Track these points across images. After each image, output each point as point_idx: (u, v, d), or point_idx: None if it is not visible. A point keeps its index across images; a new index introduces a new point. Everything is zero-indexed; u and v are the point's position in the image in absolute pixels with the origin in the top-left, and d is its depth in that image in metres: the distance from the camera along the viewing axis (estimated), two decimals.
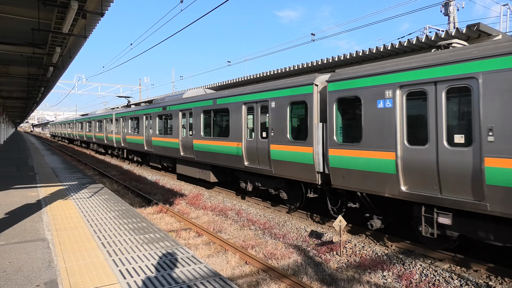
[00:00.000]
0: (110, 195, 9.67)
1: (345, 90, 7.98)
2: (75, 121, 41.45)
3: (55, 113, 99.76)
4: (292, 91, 9.41)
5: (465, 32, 8.69)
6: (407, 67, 6.82)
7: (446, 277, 6.18)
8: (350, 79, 7.87)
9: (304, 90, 9.03)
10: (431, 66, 6.44)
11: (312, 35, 15.06)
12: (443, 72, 6.28)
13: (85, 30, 9.43)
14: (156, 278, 4.28)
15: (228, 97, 12.08)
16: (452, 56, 6.20)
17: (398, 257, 7.09)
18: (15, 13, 8.32)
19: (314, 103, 8.80)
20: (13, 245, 5.40)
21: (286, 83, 9.71)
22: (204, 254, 7.44)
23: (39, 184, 11.30)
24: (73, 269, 4.53)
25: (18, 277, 4.26)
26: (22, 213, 7.43)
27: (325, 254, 7.35)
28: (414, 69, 6.73)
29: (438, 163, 6.28)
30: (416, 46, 10.19)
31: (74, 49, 11.87)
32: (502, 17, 18.40)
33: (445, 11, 20.42)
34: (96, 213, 7.55)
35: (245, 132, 11.31)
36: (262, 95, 10.48)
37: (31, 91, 21.79)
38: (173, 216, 10.41)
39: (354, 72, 7.89)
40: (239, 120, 11.49)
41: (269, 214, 10.60)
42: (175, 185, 16.10)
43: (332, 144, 8.20)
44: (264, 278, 6.23)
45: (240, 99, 11.48)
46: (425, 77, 6.52)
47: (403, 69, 6.88)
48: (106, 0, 7.51)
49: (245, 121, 11.36)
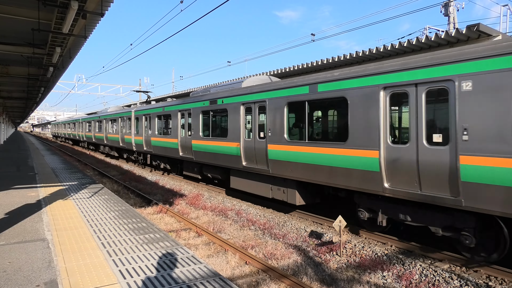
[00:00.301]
0: (110, 195, 9.68)
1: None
2: (81, 120, 37.17)
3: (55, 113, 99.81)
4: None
5: (465, 32, 8.70)
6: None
7: (446, 277, 6.18)
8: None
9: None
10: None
11: (312, 35, 15.07)
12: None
13: (85, 30, 9.43)
14: (156, 278, 4.28)
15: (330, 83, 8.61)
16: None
17: (398, 257, 7.10)
18: (15, 13, 8.32)
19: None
20: (13, 245, 5.40)
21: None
22: (204, 254, 7.44)
23: (39, 184, 11.30)
24: (73, 269, 4.53)
25: (18, 277, 4.27)
26: (22, 213, 7.43)
27: (325, 254, 7.36)
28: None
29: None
30: (416, 46, 10.20)
31: (74, 49, 11.87)
32: (502, 17, 18.42)
33: (445, 12, 20.45)
34: (96, 213, 7.55)
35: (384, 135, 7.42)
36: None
37: (31, 91, 21.79)
38: (173, 216, 10.42)
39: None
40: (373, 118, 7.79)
41: (269, 214, 10.60)
42: (175, 185, 16.10)
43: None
44: (264, 278, 6.23)
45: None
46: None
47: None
48: (106, 0, 7.52)
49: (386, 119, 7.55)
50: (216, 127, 13.22)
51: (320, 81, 8.67)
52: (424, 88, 6.58)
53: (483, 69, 5.77)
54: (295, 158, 9.38)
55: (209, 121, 13.48)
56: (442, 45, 9.89)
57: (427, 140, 6.55)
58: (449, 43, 9.65)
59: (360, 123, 7.68)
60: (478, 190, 5.79)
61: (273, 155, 10.11)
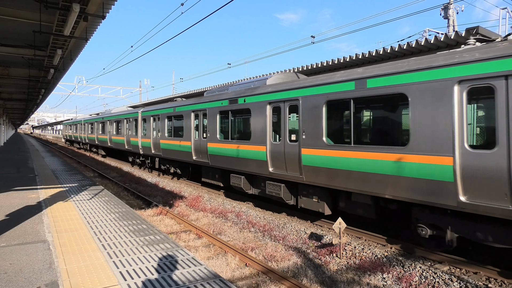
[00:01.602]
0: (110, 197, 9.69)
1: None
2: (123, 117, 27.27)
3: (55, 115, 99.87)
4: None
5: (464, 35, 8.73)
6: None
7: (445, 279, 6.19)
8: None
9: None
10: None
11: (312, 38, 15.12)
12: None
13: (86, 33, 9.47)
14: (157, 279, 4.30)
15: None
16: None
17: (397, 259, 7.10)
18: (16, 15, 8.36)
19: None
20: (14, 247, 5.41)
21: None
22: (204, 256, 7.45)
23: (39, 186, 11.32)
24: (74, 271, 4.54)
25: (19, 278, 4.28)
26: (23, 215, 7.44)
27: (325, 256, 7.37)
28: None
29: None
30: (416, 49, 10.24)
31: (75, 51, 11.91)
32: (501, 20, 18.47)
33: (445, 14, 20.51)
34: (96, 215, 7.56)
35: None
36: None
37: (32, 93, 21.83)
38: (173, 218, 10.42)
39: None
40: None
41: (269, 216, 10.61)
42: (174, 187, 16.11)
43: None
44: (264, 280, 6.24)
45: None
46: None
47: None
48: (107, 2, 7.56)
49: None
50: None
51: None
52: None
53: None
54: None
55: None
56: (441, 48, 9.94)
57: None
58: (448, 45, 9.69)
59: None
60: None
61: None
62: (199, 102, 14.15)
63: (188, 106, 14.93)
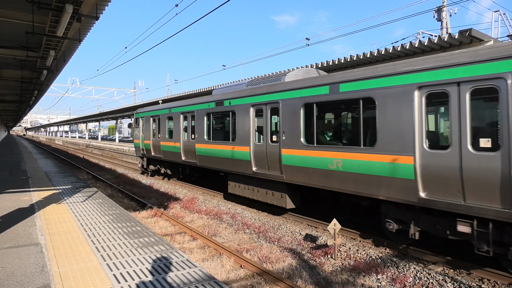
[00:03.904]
0: (104, 199, 9.62)
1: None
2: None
3: (48, 116, 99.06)
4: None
5: (457, 37, 8.81)
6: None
7: (439, 280, 6.22)
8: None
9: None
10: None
11: (306, 40, 15.17)
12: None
13: (80, 34, 9.42)
14: (151, 282, 4.26)
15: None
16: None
17: (392, 260, 7.13)
18: (9, 16, 8.29)
19: None
20: (5, 250, 5.35)
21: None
22: (199, 258, 7.41)
23: (32, 188, 11.20)
24: (67, 274, 4.49)
25: (11, 282, 4.22)
26: (15, 217, 7.36)
27: (319, 258, 7.37)
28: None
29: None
30: (409, 51, 10.32)
31: (68, 53, 11.84)
32: (494, 23, 18.68)
33: (438, 17, 20.68)
34: (90, 217, 7.50)
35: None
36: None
37: (25, 95, 21.65)
38: (168, 220, 10.37)
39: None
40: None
41: (264, 217, 10.60)
42: (169, 188, 16.03)
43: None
44: (259, 281, 6.22)
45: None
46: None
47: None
48: (101, 3, 7.52)
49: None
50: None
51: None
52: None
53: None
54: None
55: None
56: (435, 50, 10.01)
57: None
58: (442, 47, 9.77)
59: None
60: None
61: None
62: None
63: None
